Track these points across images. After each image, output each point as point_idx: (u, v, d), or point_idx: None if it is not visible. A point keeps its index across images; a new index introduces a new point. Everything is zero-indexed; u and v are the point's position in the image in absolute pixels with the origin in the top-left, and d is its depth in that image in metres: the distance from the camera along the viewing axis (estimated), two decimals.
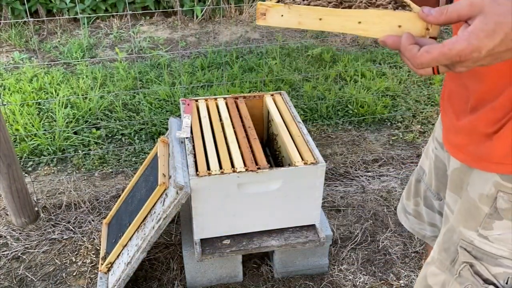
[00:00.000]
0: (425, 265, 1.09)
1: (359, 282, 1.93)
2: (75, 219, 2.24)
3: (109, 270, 1.84)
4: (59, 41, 4.16)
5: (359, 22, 0.77)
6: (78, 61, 3.72)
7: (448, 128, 1.01)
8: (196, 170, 1.61)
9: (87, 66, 3.63)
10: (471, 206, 0.94)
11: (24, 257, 2.05)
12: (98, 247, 2.08)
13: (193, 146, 1.74)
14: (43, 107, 3.08)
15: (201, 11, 4.64)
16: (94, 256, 2.05)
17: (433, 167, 1.18)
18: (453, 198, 1.05)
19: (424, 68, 0.71)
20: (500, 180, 0.88)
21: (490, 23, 0.63)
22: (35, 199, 2.32)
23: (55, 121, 2.92)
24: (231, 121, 1.89)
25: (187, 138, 1.78)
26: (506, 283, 0.92)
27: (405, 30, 0.75)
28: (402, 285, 1.92)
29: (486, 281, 0.93)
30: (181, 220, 1.95)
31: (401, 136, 2.91)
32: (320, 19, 0.79)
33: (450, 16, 0.68)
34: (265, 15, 0.80)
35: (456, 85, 1.00)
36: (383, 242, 2.12)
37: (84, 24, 4.43)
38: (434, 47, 0.68)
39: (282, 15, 0.80)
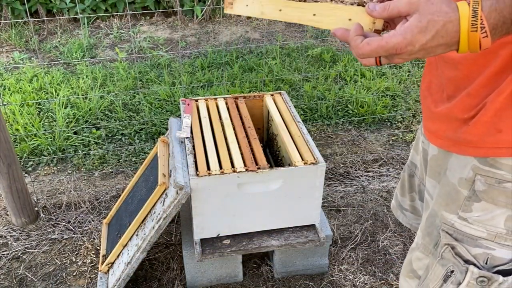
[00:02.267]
0: (410, 250, 1.14)
1: (359, 282, 1.93)
2: (75, 219, 2.24)
3: (109, 270, 1.84)
4: (59, 41, 4.16)
5: (314, 15, 0.85)
6: (78, 61, 3.72)
7: (427, 116, 1.06)
8: (196, 170, 1.61)
9: (87, 66, 3.64)
10: (451, 190, 0.98)
11: (24, 257, 2.05)
12: (98, 247, 2.08)
13: (193, 146, 1.74)
14: (43, 107, 3.08)
15: (201, 11, 4.64)
16: (94, 256, 2.05)
17: (422, 160, 1.21)
18: (432, 183, 1.09)
19: (366, 59, 0.79)
20: (477, 163, 0.92)
21: (424, 21, 0.71)
22: (35, 199, 2.32)
23: (55, 121, 2.92)
24: (231, 121, 1.90)
25: (187, 138, 1.78)
26: (486, 263, 0.95)
27: (355, 23, 0.83)
28: None
29: (467, 261, 0.96)
30: (181, 220, 1.95)
31: (401, 136, 2.92)
32: (280, 10, 0.87)
33: (391, 12, 0.76)
34: (232, 4, 0.89)
35: (434, 75, 1.05)
36: (383, 242, 2.12)
37: (84, 24, 4.43)
38: (374, 39, 0.75)
39: (247, 5, 0.88)
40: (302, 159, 1.68)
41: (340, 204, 2.35)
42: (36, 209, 2.27)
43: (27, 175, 2.53)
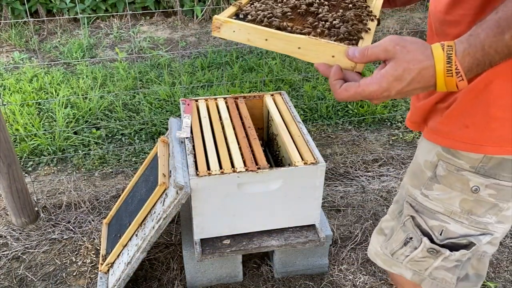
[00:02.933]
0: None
1: (359, 282, 1.93)
2: (75, 219, 2.24)
3: (109, 270, 1.84)
4: (59, 41, 4.16)
5: (299, 48, 0.87)
6: (78, 61, 3.72)
7: (411, 111, 1.14)
8: (196, 170, 1.61)
9: (87, 66, 3.63)
10: (417, 169, 1.10)
11: (24, 257, 2.05)
12: (98, 247, 2.08)
13: (193, 146, 1.74)
14: (43, 107, 3.08)
15: (201, 11, 4.64)
16: (94, 256, 2.05)
17: None
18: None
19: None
20: (441, 151, 1.02)
21: (399, 69, 0.76)
22: (35, 199, 2.32)
23: (55, 121, 2.92)
24: (231, 121, 1.89)
25: (187, 138, 1.78)
26: (440, 234, 1.08)
27: (337, 60, 0.85)
28: None
29: (423, 232, 1.10)
30: (181, 220, 1.95)
31: (401, 136, 2.91)
32: (266, 39, 0.89)
33: (370, 58, 0.81)
34: (219, 28, 0.90)
35: None
36: None
37: (84, 24, 4.43)
38: (351, 86, 0.80)
39: (234, 31, 0.90)
40: (302, 159, 1.67)
41: (340, 204, 2.35)
42: (36, 209, 2.27)
43: (27, 175, 2.53)
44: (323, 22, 0.97)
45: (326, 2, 1.12)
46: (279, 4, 1.07)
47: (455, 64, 0.74)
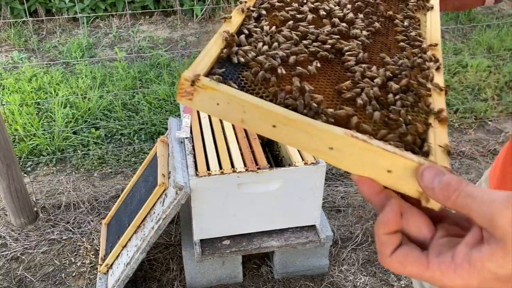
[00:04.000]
0: None
1: (360, 282, 1.92)
2: (74, 219, 2.23)
3: (108, 270, 1.83)
4: (58, 41, 4.15)
5: (331, 148, 0.53)
6: (78, 61, 3.71)
7: None
8: (196, 170, 1.60)
9: (86, 65, 3.63)
10: None
11: (23, 257, 2.04)
12: (97, 248, 2.07)
13: (193, 146, 1.73)
14: (42, 107, 3.07)
15: (201, 11, 4.63)
16: (93, 256, 2.04)
17: None
18: None
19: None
20: None
21: (509, 265, 0.43)
22: (34, 199, 2.31)
23: (54, 121, 2.91)
24: None
25: (186, 138, 1.77)
26: None
27: (396, 179, 0.52)
28: (403, 285, 1.91)
29: None
30: (181, 220, 1.95)
31: None
32: (274, 126, 0.54)
33: (457, 207, 0.46)
34: (191, 95, 0.55)
35: None
36: None
37: (83, 23, 4.42)
38: (412, 259, 0.48)
39: (218, 104, 0.54)
40: (303, 159, 1.67)
41: (341, 204, 2.34)
42: (35, 209, 2.26)
43: (26, 175, 2.52)
44: (368, 91, 0.63)
45: (364, 24, 0.77)
46: (293, 35, 0.71)
47: None
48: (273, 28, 0.72)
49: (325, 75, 0.65)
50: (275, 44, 0.67)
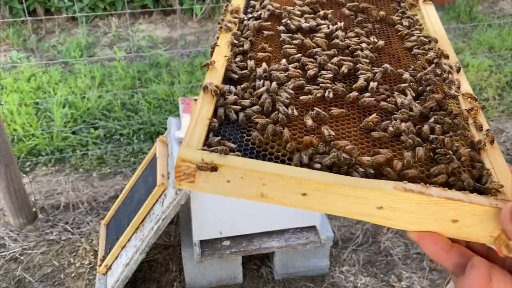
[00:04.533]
0: None
1: (360, 283, 1.91)
2: (73, 220, 2.22)
3: (107, 271, 1.82)
4: (57, 40, 4.14)
5: (380, 207, 0.44)
6: (76, 60, 3.70)
7: None
8: None
9: (85, 65, 3.61)
10: None
11: (22, 258, 2.03)
12: (96, 248, 2.06)
13: None
14: (41, 107, 3.06)
15: (201, 10, 4.62)
16: (93, 257, 2.03)
17: None
18: None
19: None
20: None
21: None
22: (33, 199, 2.29)
23: (53, 121, 2.90)
24: None
25: None
26: None
27: (463, 228, 0.43)
28: (404, 286, 1.91)
29: None
30: (180, 221, 1.93)
31: None
32: (304, 194, 0.45)
33: None
34: (193, 176, 0.45)
35: None
36: (384, 243, 2.10)
37: (82, 23, 4.40)
38: None
39: (228, 181, 0.45)
40: None
41: None
42: (34, 209, 2.25)
43: (24, 175, 2.51)
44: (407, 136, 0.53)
45: (364, 32, 0.72)
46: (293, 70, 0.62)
47: None
48: (264, 65, 0.62)
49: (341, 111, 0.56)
50: (274, 85, 0.58)
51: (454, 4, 4.25)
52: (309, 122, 0.51)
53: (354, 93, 0.59)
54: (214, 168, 0.43)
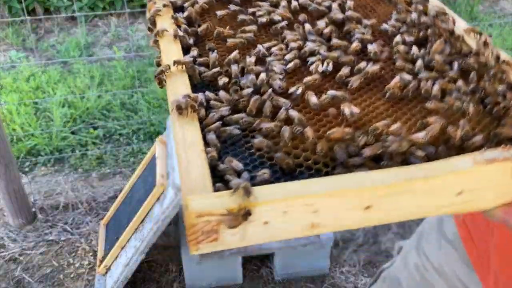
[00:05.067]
0: None
1: (361, 284, 1.91)
2: (72, 220, 2.22)
3: (107, 272, 1.81)
4: (56, 40, 4.13)
5: (459, 193, 0.36)
6: (76, 60, 3.69)
7: None
8: None
9: (84, 64, 3.61)
10: None
11: (21, 258, 2.03)
12: (95, 249, 2.06)
13: None
14: (40, 107, 3.05)
15: None
16: (92, 257, 2.02)
17: None
18: None
19: None
20: None
21: None
22: (32, 200, 2.29)
23: (52, 120, 2.90)
24: None
25: None
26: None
27: None
28: None
29: None
30: (180, 221, 1.93)
31: None
32: (368, 207, 0.35)
33: None
34: (216, 233, 0.35)
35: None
36: (385, 244, 2.10)
37: (81, 22, 4.40)
38: None
39: (265, 222, 0.35)
40: None
41: None
42: (33, 210, 2.25)
43: (24, 175, 2.50)
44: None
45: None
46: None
47: None
48: (235, 53, 0.55)
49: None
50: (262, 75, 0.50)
51: (455, 3, 4.25)
52: (331, 111, 0.42)
53: (350, 56, 0.55)
54: (247, 214, 0.31)
